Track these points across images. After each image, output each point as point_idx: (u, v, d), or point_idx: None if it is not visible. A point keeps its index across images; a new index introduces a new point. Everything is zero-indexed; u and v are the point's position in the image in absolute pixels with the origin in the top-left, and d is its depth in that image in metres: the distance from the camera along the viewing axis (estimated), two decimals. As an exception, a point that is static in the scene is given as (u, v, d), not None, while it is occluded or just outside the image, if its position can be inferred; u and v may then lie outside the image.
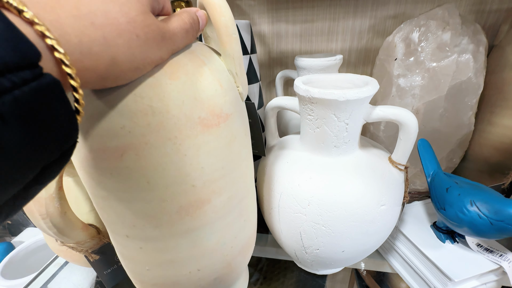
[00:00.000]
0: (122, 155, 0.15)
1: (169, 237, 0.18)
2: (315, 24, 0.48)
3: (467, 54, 0.33)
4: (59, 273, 0.37)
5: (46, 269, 0.37)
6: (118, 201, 0.16)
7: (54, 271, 0.37)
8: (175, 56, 0.15)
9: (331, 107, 0.22)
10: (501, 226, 0.22)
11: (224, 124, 0.17)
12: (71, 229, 0.24)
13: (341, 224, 0.22)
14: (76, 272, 0.40)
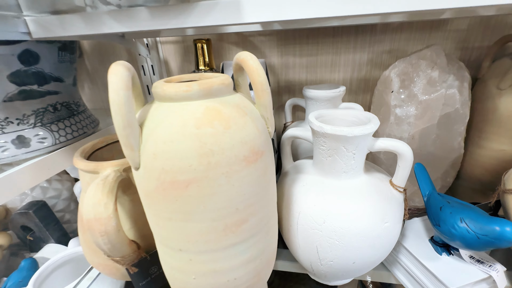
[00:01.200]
0: (187, 186, 0.19)
1: (215, 251, 0.22)
2: (319, 58, 0.54)
3: (453, 89, 0.38)
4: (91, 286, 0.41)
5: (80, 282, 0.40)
6: (178, 222, 0.21)
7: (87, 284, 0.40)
8: (227, 109, 0.20)
9: (341, 141, 0.27)
10: (486, 240, 0.26)
11: (261, 159, 0.22)
12: (121, 245, 0.28)
13: (351, 239, 0.27)
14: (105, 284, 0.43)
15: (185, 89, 0.20)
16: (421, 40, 0.49)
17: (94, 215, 0.25)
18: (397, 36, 0.50)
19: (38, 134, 0.37)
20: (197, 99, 0.20)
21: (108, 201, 0.26)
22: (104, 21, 0.29)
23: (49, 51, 0.37)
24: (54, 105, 0.40)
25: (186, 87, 0.20)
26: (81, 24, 0.29)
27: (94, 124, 0.48)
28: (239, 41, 0.55)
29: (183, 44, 0.58)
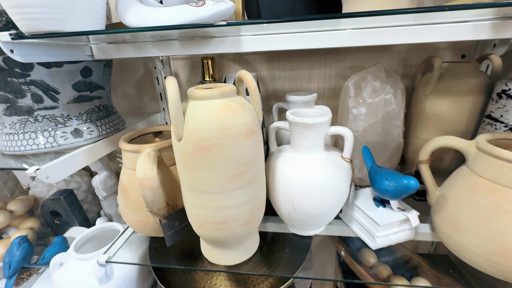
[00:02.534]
0: (211, 148, 0.33)
1: (226, 192, 0.35)
2: (298, 71, 0.69)
3: (390, 95, 0.54)
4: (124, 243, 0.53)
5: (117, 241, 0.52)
6: (204, 172, 0.34)
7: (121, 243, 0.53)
8: (234, 104, 0.34)
9: (306, 127, 0.41)
10: (400, 190, 0.41)
11: (254, 135, 0.36)
12: (159, 199, 0.41)
13: (314, 190, 0.41)
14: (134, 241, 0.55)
15: (210, 92, 0.34)
16: (373, 59, 0.65)
17: (145, 176, 0.38)
18: (356, 56, 0.66)
19: (88, 128, 0.51)
20: (216, 98, 0.34)
21: (153, 167, 0.39)
22: (148, 48, 0.43)
23: (98, 67, 0.51)
24: (99, 106, 0.53)
25: (211, 92, 0.34)
26: (131, 50, 0.43)
27: (123, 123, 0.61)
28: (236, 59, 0.70)
29: (191, 60, 0.72)
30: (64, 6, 0.29)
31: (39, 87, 0.43)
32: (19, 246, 0.63)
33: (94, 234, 0.63)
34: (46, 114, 0.46)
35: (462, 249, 0.39)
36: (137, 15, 0.33)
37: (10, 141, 0.46)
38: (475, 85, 0.51)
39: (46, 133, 0.46)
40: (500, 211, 0.35)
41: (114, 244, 0.52)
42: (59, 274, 0.54)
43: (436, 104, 0.55)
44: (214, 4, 0.34)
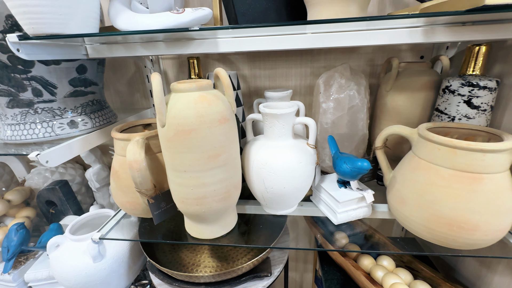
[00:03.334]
0: (190, 133, 0.39)
1: (204, 171, 0.42)
2: (277, 70, 0.76)
3: (353, 91, 0.61)
4: (115, 227, 0.58)
5: (109, 222, 0.58)
6: (184, 154, 0.40)
7: (113, 224, 0.58)
8: (210, 96, 0.40)
9: (275, 117, 0.48)
10: (355, 171, 0.48)
11: (227, 122, 0.42)
12: (147, 180, 0.46)
13: (281, 171, 0.47)
14: (126, 226, 0.61)
15: (189, 86, 0.40)
16: (344, 59, 0.73)
17: (133, 159, 0.44)
18: (328, 57, 0.73)
19: (83, 120, 0.56)
20: (194, 91, 0.40)
21: (141, 151, 0.45)
22: (137, 49, 0.49)
23: (92, 65, 0.56)
24: (92, 101, 0.59)
25: (189, 85, 0.40)
26: (123, 50, 0.49)
27: (115, 117, 0.67)
28: (220, 58, 0.76)
29: (179, 60, 0.78)
30: (65, 13, 0.35)
31: (39, 82, 0.49)
32: (17, 232, 0.68)
33: (88, 220, 0.68)
34: (45, 107, 0.51)
35: (406, 219, 0.46)
36: (126, 20, 0.39)
37: (12, 131, 0.51)
38: (427, 82, 0.58)
39: (44, 123, 0.51)
40: (433, 185, 0.42)
41: (107, 225, 0.58)
42: (55, 255, 0.60)
43: (395, 99, 0.62)
44: (192, 11, 0.40)
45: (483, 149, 0.38)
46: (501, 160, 0.38)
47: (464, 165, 0.39)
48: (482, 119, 0.51)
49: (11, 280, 0.66)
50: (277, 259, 0.64)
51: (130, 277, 0.67)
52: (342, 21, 0.39)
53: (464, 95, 0.51)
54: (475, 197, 0.39)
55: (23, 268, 0.68)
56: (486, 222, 0.39)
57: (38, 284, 0.66)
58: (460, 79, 0.51)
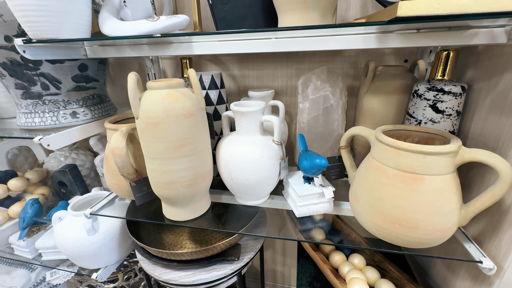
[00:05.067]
0: (157, 125, 0.45)
1: (171, 159, 0.48)
2: (264, 71, 0.80)
3: (328, 92, 0.63)
4: (108, 206, 0.66)
5: (101, 201, 0.66)
6: (153, 143, 0.47)
7: (104, 203, 0.66)
8: (177, 93, 0.46)
9: (241, 114, 0.53)
10: (314, 167, 0.51)
11: (193, 117, 0.48)
12: (127, 165, 0.53)
13: (245, 164, 0.52)
14: (116, 205, 0.69)
15: (159, 84, 0.46)
16: (327, 62, 0.75)
17: (116, 146, 0.51)
18: (313, 59, 0.76)
19: (84, 111, 0.65)
20: (164, 89, 0.46)
21: (123, 140, 0.52)
22: (125, 50, 0.56)
23: (93, 64, 0.65)
24: (93, 95, 0.67)
25: (160, 84, 0.46)
26: (114, 51, 0.56)
27: (114, 109, 0.75)
28: (213, 59, 0.82)
29: (175, 60, 0.85)
30: (58, 21, 0.43)
31: (47, 78, 0.58)
32: (32, 205, 0.79)
33: (89, 199, 0.78)
34: (52, 99, 0.60)
35: (359, 216, 0.49)
36: (110, 27, 0.46)
37: (25, 119, 0.61)
38: (400, 86, 0.60)
39: (51, 113, 0.61)
40: (380, 184, 0.44)
41: (99, 203, 0.66)
42: (58, 226, 0.69)
43: (370, 102, 0.64)
44: (166, 19, 0.46)
45: (423, 151, 0.39)
46: (442, 163, 0.40)
47: (407, 165, 0.41)
48: (448, 124, 0.52)
49: (25, 246, 0.77)
50: (249, 247, 0.68)
51: (122, 252, 0.75)
52: (288, 29, 0.43)
53: (429, 99, 0.52)
54: (416, 197, 0.41)
55: (35, 237, 0.79)
56: (425, 221, 0.41)
57: (46, 251, 0.77)
58: (427, 83, 0.52)
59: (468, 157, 0.40)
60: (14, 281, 0.82)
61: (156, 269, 0.62)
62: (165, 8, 0.62)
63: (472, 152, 0.40)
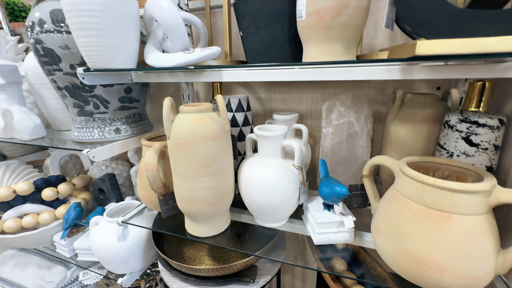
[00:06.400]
0: (186, 145, 0.49)
1: (196, 177, 0.51)
2: (290, 95, 0.82)
3: (352, 118, 0.63)
4: (138, 215, 0.72)
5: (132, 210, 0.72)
6: (181, 161, 0.51)
7: (134, 212, 0.72)
8: (205, 117, 0.50)
9: (264, 138, 0.55)
10: (332, 194, 0.50)
11: (218, 139, 0.51)
12: (157, 180, 0.58)
13: (264, 186, 0.53)
14: (144, 216, 0.74)
15: (190, 109, 0.51)
16: (353, 87, 0.75)
17: (148, 161, 0.56)
18: (339, 84, 0.76)
19: (125, 128, 0.73)
20: (194, 113, 0.51)
21: (155, 157, 0.57)
22: (164, 77, 0.62)
23: (136, 86, 0.73)
24: (134, 114, 0.75)
25: (191, 108, 0.51)
26: (155, 77, 0.64)
27: (151, 127, 0.83)
28: (241, 83, 0.87)
29: (208, 83, 0.92)
30: (112, 55, 0.50)
31: (98, 98, 0.67)
32: (75, 208, 0.89)
33: (122, 207, 0.85)
34: (100, 117, 0.69)
35: (381, 250, 0.47)
36: (153, 58, 0.53)
37: (78, 133, 0.70)
38: (430, 115, 0.57)
39: (99, 129, 0.69)
40: (403, 218, 0.42)
41: (130, 212, 0.72)
42: (94, 230, 0.76)
43: (397, 130, 0.62)
44: (200, 51, 0.52)
45: (450, 188, 0.37)
46: (473, 202, 0.37)
47: (432, 202, 0.39)
48: (484, 158, 0.48)
49: (65, 245, 0.86)
50: (266, 270, 0.68)
51: (146, 261, 0.79)
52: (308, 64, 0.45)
53: (462, 131, 0.49)
54: (442, 237, 0.38)
55: (74, 238, 0.87)
56: (453, 265, 0.38)
57: (82, 252, 0.84)
58: (459, 114, 0.50)
59: (504, 198, 0.37)
60: (52, 277, 0.91)
61: (175, 282, 0.65)
62: (201, 39, 0.69)
63: (509, 193, 0.36)
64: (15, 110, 0.74)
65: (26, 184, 0.86)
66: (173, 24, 0.50)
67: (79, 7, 0.46)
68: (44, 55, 0.60)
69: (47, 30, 0.57)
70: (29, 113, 0.77)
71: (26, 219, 0.85)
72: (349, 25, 0.47)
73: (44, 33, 0.57)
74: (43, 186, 0.91)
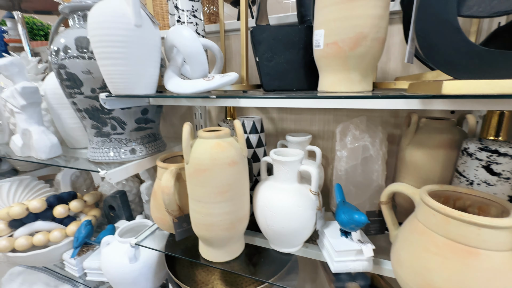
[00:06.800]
0: (205, 171, 0.50)
1: (213, 203, 0.51)
2: (302, 116, 0.83)
3: (367, 142, 0.63)
4: (150, 236, 0.71)
5: (144, 231, 0.71)
6: (199, 187, 0.51)
7: (147, 233, 0.71)
8: (224, 143, 0.51)
9: (280, 163, 0.55)
10: (351, 222, 0.50)
11: (236, 165, 0.51)
12: (173, 203, 0.58)
13: (281, 212, 0.53)
14: (156, 236, 0.74)
15: (209, 135, 0.51)
16: (367, 111, 0.76)
17: (165, 184, 0.57)
18: (351, 106, 0.77)
19: (140, 148, 0.73)
20: (213, 139, 0.51)
21: (172, 180, 0.57)
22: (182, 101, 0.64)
23: (152, 108, 0.75)
24: (149, 134, 0.76)
25: (209, 134, 0.51)
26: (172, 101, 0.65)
27: (164, 146, 0.84)
28: (254, 102, 0.89)
29: (220, 102, 0.94)
30: (134, 82, 0.52)
31: (116, 120, 0.68)
32: (85, 226, 0.88)
33: (133, 226, 0.84)
34: (117, 137, 0.70)
35: (403, 283, 0.45)
36: (173, 85, 0.55)
37: (94, 153, 0.71)
38: (447, 141, 0.57)
39: (115, 150, 0.70)
40: (427, 251, 0.41)
41: (143, 233, 0.71)
42: (106, 250, 0.76)
43: (413, 154, 0.61)
44: (220, 78, 0.53)
45: (477, 222, 0.37)
46: (502, 238, 0.36)
47: (458, 236, 0.38)
48: (506, 188, 0.47)
49: (75, 264, 0.85)
50: (281, 296, 0.66)
51: (156, 282, 0.78)
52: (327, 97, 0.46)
53: (482, 159, 0.49)
54: (471, 273, 0.37)
55: (84, 257, 0.87)
56: (483, 303, 0.36)
57: (91, 272, 0.83)
58: (478, 142, 0.50)
59: (533, 234, 0.36)
60: (60, 296, 0.90)
61: (186, 307, 0.64)
62: (217, 62, 0.70)
63: (538, 229, 0.36)
64: (34, 130, 0.76)
65: (39, 202, 0.87)
66: (194, 54, 0.51)
67: (106, 38, 0.48)
68: (67, 79, 0.62)
69: (71, 56, 0.59)
70: (47, 132, 0.78)
71: (37, 237, 0.85)
72: (366, 56, 0.48)
73: (68, 59, 0.60)
74: (55, 203, 0.92)
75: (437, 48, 0.32)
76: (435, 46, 0.32)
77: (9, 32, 1.16)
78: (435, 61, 0.33)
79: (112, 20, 0.47)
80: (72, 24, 0.64)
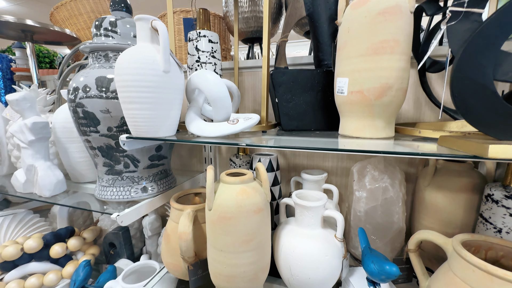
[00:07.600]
0: (230, 219, 0.47)
1: (236, 253, 0.48)
2: (316, 151, 0.83)
3: (387, 183, 0.63)
4: (159, 281, 0.66)
5: (154, 277, 0.66)
6: (222, 236, 0.48)
7: (156, 280, 0.66)
8: (249, 189, 0.49)
9: (304, 208, 0.54)
10: (382, 274, 0.48)
11: (262, 212, 0.50)
12: (190, 249, 0.55)
13: (307, 262, 0.50)
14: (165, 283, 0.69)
15: (233, 180, 0.50)
16: (380, 148, 0.76)
17: (183, 230, 0.54)
18: (365, 144, 0.78)
19: (152, 186, 0.71)
20: (237, 184, 0.50)
21: (190, 225, 0.55)
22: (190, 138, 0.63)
23: (166, 144, 0.74)
24: (161, 170, 0.74)
25: (234, 179, 0.50)
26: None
27: (175, 182, 0.81)
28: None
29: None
30: (157, 125, 0.51)
31: (129, 158, 0.66)
32: (84, 268, 0.82)
33: (137, 268, 0.79)
34: (129, 175, 0.68)
35: None
36: (196, 127, 0.54)
37: (103, 192, 0.68)
38: (466, 184, 0.57)
39: (126, 188, 0.67)
40: (469, 310, 0.40)
41: (152, 280, 0.66)
42: (108, 298, 0.70)
43: (433, 196, 0.61)
44: (244, 121, 0.53)
45: (523, 283, 0.35)
46: (550, 300, 0.35)
47: (503, 296, 0.37)
48: (536, 237, 0.47)
49: (70, 312, 0.77)
50: None
51: (160, 334, 0.71)
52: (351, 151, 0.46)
53: (509, 207, 0.48)
54: (521, 338, 0.35)
55: (81, 303, 0.79)
56: None
57: (88, 321, 0.76)
58: (503, 190, 0.50)
59: None
60: None
61: None
62: (234, 100, 0.71)
63: None
64: (40, 165, 0.73)
65: (36, 241, 0.81)
66: (220, 98, 0.52)
67: (135, 83, 0.47)
68: (83, 118, 0.61)
69: (91, 95, 0.59)
70: (53, 168, 0.75)
71: (30, 281, 0.78)
72: (391, 105, 0.49)
73: (87, 98, 0.59)
74: (52, 242, 0.86)
75: (475, 110, 0.33)
76: (473, 108, 0.33)
77: (16, 61, 1.16)
78: (472, 121, 0.34)
79: (142, 66, 0.47)
80: (92, 63, 0.64)
